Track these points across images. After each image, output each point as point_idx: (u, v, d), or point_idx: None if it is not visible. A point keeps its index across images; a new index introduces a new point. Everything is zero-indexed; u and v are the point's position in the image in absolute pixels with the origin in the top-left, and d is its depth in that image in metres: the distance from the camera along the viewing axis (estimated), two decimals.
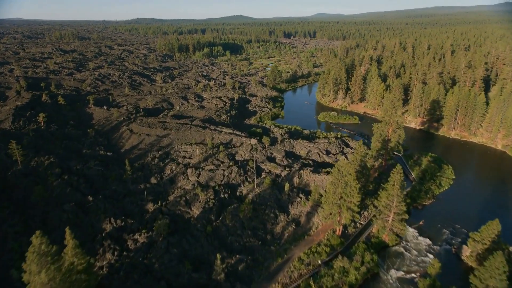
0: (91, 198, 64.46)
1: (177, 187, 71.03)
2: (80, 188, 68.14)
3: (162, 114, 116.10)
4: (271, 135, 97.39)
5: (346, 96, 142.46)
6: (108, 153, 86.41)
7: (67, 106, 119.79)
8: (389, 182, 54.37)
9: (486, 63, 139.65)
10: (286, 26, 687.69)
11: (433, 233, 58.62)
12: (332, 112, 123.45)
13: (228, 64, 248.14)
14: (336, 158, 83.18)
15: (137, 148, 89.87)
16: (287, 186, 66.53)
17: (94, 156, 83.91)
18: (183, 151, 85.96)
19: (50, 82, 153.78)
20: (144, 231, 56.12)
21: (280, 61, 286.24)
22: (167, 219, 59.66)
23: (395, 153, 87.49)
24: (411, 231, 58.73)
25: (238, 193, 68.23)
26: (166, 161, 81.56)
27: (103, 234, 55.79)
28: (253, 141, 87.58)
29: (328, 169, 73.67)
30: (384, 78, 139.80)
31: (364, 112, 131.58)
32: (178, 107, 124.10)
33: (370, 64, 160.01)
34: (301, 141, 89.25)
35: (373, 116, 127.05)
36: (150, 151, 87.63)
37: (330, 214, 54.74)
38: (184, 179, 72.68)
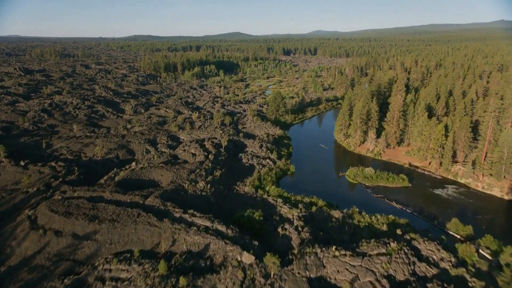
0: None
1: None
2: None
3: (106, 177, 74.74)
4: (280, 229, 55.71)
5: (379, 137, 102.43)
6: None
7: None
8: None
9: None
10: (285, 43, 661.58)
11: None
12: (367, 169, 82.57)
13: (220, 87, 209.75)
14: None
15: (30, 266, 47.89)
16: None
17: None
18: (111, 279, 44.10)
19: None
20: None
21: (281, 82, 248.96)
22: None
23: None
24: None
25: None
26: None
27: None
28: (248, 257, 45.89)
29: None
30: (428, 111, 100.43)
31: (410, 164, 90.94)
32: (135, 163, 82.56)
33: (405, 92, 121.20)
34: (337, 254, 47.65)
35: (425, 171, 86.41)
36: (50, 274, 45.74)
37: None
38: None
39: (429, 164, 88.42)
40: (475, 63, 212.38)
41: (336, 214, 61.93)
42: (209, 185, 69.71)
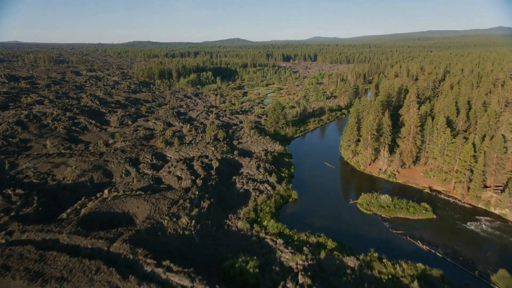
0: None
1: None
2: None
3: (71, 210, 62.11)
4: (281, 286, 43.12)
5: (391, 154, 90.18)
6: None
7: None
8: None
9: None
10: (284, 49, 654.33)
11: None
12: (383, 196, 70.18)
13: (216, 95, 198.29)
14: None
15: None
16: None
17: None
18: None
19: None
20: None
21: (280, 89, 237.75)
22: None
23: None
24: None
25: None
26: None
27: None
28: None
29: None
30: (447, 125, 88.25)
31: (430, 188, 78.56)
32: (107, 191, 69.90)
33: (419, 103, 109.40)
34: None
35: (450, 198, 73.97)
36: None
37: None
38: None
39: (453, 188, 76.06)
40: (484, 70, 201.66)
41: (351, 262, 49.28)
42: (193, 221, 57.07)
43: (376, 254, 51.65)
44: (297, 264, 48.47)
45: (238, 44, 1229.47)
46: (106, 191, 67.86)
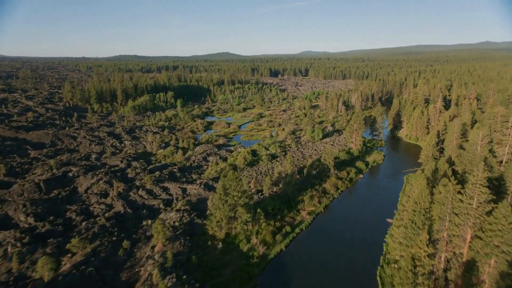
0: None
1: None
2: None
3: None
4: None
5: None
6: None
7: None
8: None
9: None
10: (273, 62, 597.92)
11: None
12: None
13: (161, 131, 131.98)
14: None
15: None
16: None
17: None
18: None
19: None
20: None
21: (261, 117, 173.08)
22: None
23: None
24: None
25: None
26: None
27: None
28: None
29: None
30: None
31: None
32: None
33: None
34: None
35: None
36: None
37: None
38: None
39: None
40: None
41: None
42: None
43: None
44: None
45: (227, 58, 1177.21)
46: None
